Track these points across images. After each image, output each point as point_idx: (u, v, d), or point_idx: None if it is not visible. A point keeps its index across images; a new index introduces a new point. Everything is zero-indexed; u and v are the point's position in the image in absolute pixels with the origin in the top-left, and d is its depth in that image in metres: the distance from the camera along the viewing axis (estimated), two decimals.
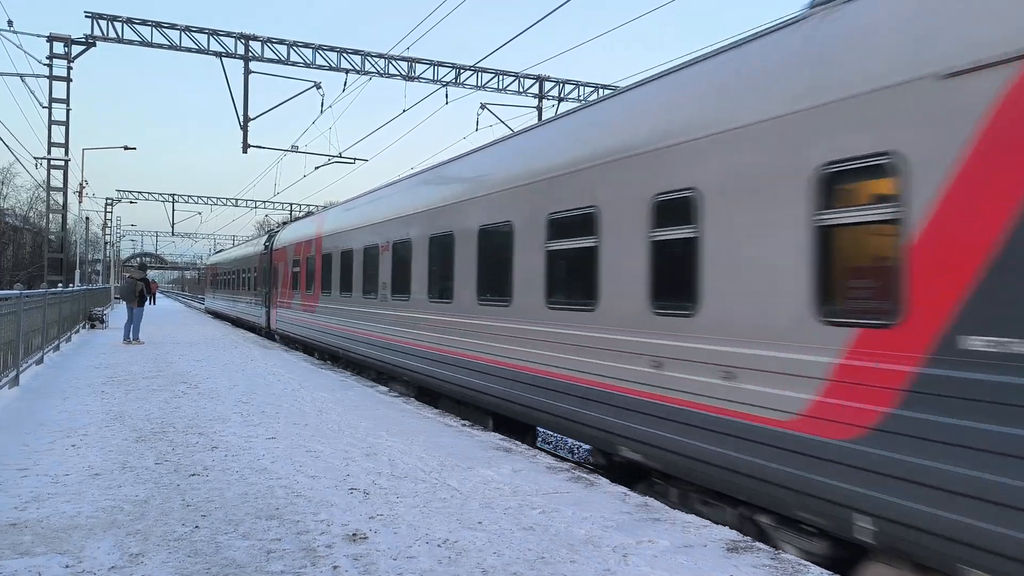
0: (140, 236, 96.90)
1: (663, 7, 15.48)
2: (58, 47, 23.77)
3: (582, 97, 28.92)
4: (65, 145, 24.83)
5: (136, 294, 20.07)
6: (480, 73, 27.65)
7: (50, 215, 27.56)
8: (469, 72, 27.40)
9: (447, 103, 26.90)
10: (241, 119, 24.61)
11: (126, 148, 41.60)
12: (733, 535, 5.04)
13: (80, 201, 38.93)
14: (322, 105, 25.70)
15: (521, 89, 28.61)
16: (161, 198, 62.15)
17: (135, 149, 43.10)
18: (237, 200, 63.40)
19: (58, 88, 24.07)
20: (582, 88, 29.20)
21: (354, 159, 29.37)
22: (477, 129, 27.44)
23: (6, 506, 5.33)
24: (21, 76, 23.77)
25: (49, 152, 24.77)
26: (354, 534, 4.88)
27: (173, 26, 24.19)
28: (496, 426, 9.35)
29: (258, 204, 64.01)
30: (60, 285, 24.45)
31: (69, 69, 24.03)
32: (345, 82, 25.71)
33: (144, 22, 24.06)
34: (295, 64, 25.35)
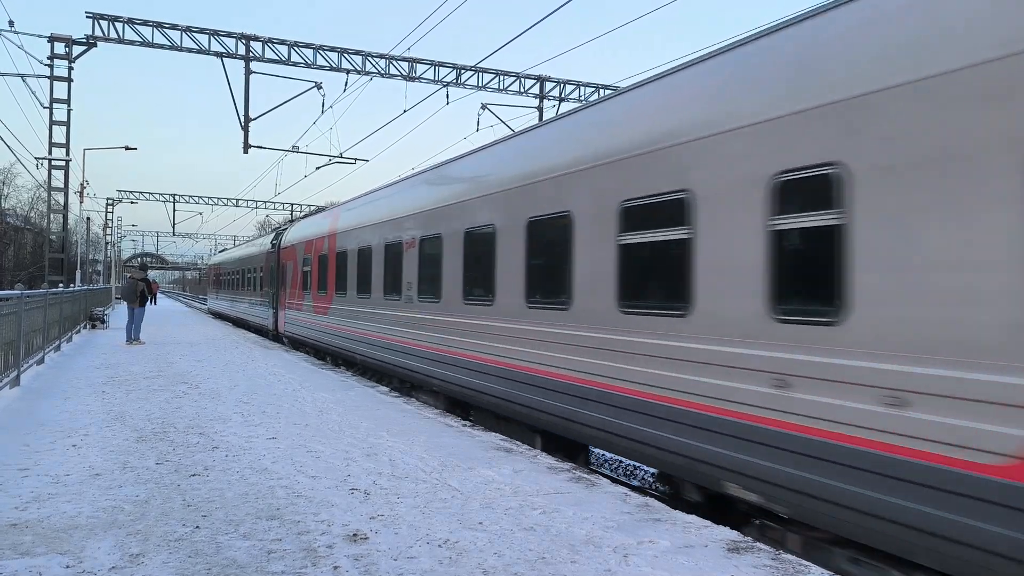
0: (141, 236, 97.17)
1: (664, 7, 15.50)
2: (59, 47, 23.80)
3: (583, 97, 28.92)
4: (66, 145, 24.87)
5: (137, 294, 20.11)
6: (481, 73, 27.66)
7: (51, 215, 27.59)
8: (470, 72, 27.42)
9: (448, 103, 26.96)
10: (242, 119, 24.63)
11: (127, 148, 41.70)
12: (734, 535, 5.03)
13: (81, 201, 39.01)
14: (323, 105, 25.76)
15: (522, 89, 28.62)
16: (162, 198, 62.23)
17: (136, 149, 43.17)
18: (238, 200, 63.47)
19: (59, 88, 24.11)
20: (583, 88, 29.21)
21: (355, 159, 29.42)
22: (478, 129, 27.48)
23: (7, 506, 5.33)
24: (22, 76, 23.82)
25: (50, 152, 24.80)
26: (355, 534, 4.88)
27: (174, 26, 24.22)
28: (545, 444, 8.31)
29: (259, 204, 64.08)
30: (61, 285, 24.47)
31: (70, 69, 24.06)
32: (346, 82, 25.75)
33: (145, 22, 24.09)
34: (296, 64, 25.38)
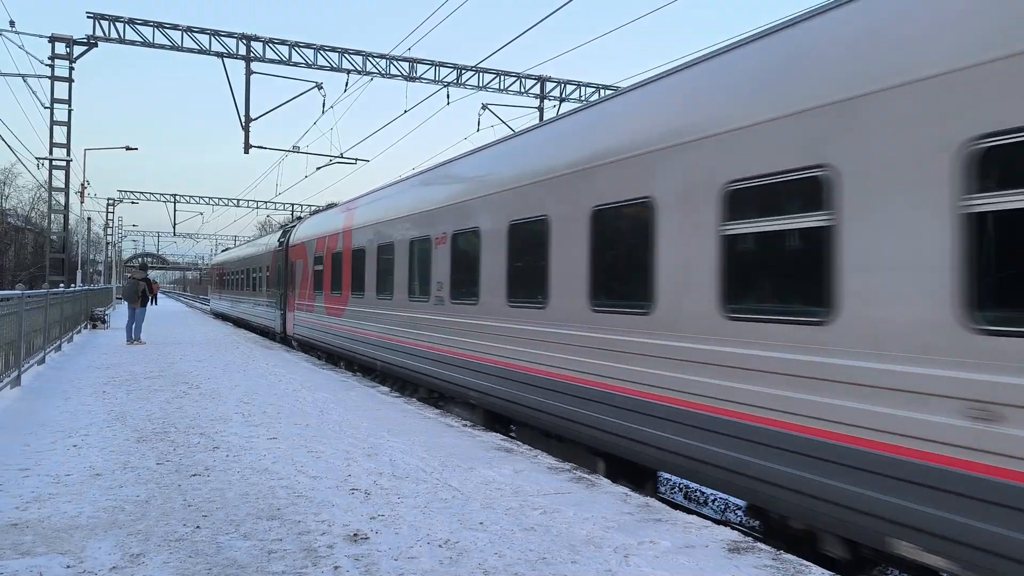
0: (142, 236, 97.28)
1: (665, 7, 15.50)
2: (60, 47, 23.81)
3: (583, 97, 28.92)
4: (67, 145, 24.88)
5: (139, 294, 20.13)
6: (481, 73, 27.68)
7: (52, 215, 27.58)
8: (470, 72, 27.43)
9: (448, 103, 26.94)
10: (243, 119, 24.64)
11: (128, 148, 41.72)
12: (735, 535, 5.03)
13: (82, 201, 39.05)
14: (323, 105, 25.78)
15: (522, 89, 28.63)
16: (163, 198, 62.32)
17: (136, 149, 43.19)
18: (239, 200, 63.56)
19: (60, 88, 24.12)
20: (583, 88, 29.22)
21: (355, 159, 29.44)
22: (479, 129, 27.50)
23: (8, 506, 5.34)
24: (23, 76, 23.84)
25: (51, 152, 24.82)
26: (355, 534, 4.87)
27: (175, 27, 24.23)
28: (609, 469, 7.26)
29: (260, 204, 64.16)
30: (62, 285, 24.49)
31: (71, 69, 24.07)
32: (347, 82, 25.76)
33: (146, 22, 24.11)
34: (297, 64, 25.39)
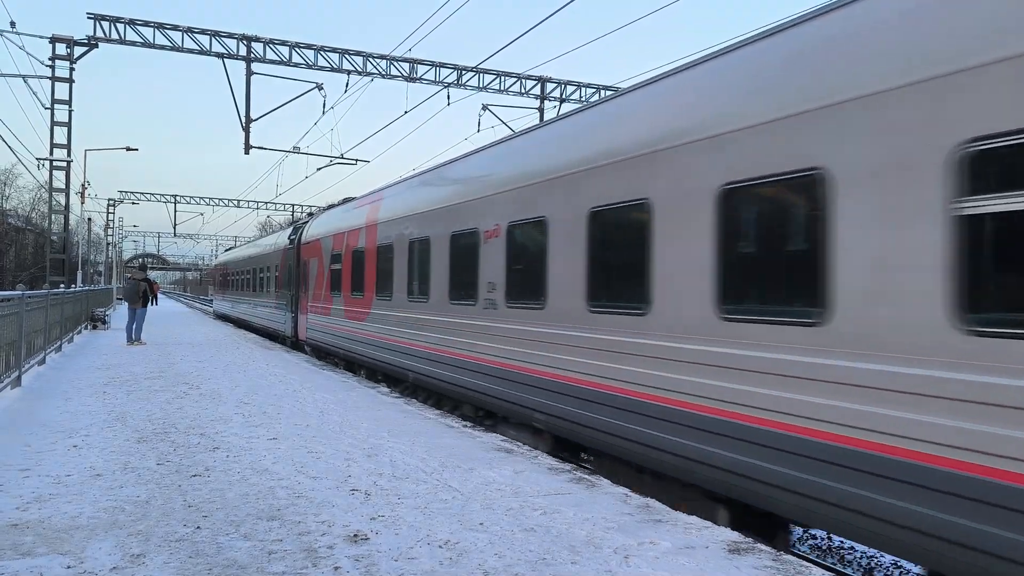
0: (142, 237, 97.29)
1: (665, 8, 15.51)
2: (60, 48, 23.85)
3: (583, 98, 28.94)
4: (67, 146, 24.92)
5: (140, 295, 20.15)
6: (482, 74, 27.70)
7: (52, 216, 27.61)
8: (471, 73, 27.45)
9: (449, 104, 26.95)
10: (243, 120, 24.67)
11: (128, 149, 41.70)
12: (735, 536, 5.03)
13: (82, 202, 39.02)
14: (324, 106, 25.80)
15: (523, 90, 28.65)
16: (163, 199, 62.36)
17: (137, 150, 43.22)
18: (239, 201, 63.59)
19: (60, 89, 24.16)
20: (584, 89, 29.23)
21: (356, 160, 29.46)
22: (479, 130, 27.50)
23: (8, 507, 5.34)
24: (24, 77, 23.87)
25: (51, 153, 24.86)
26: (355, 535, 4.88)
27: (175, 27, 24.26)
28: (731, 516, 5.78)
29: (260, 205, 64.18)
30: (62, 286, 24.50)
31: (71, 70, 24.11)
32: (347, 83, 25.78)
33: (146, 23, 24.14)
34: (297, 65, 25.42)
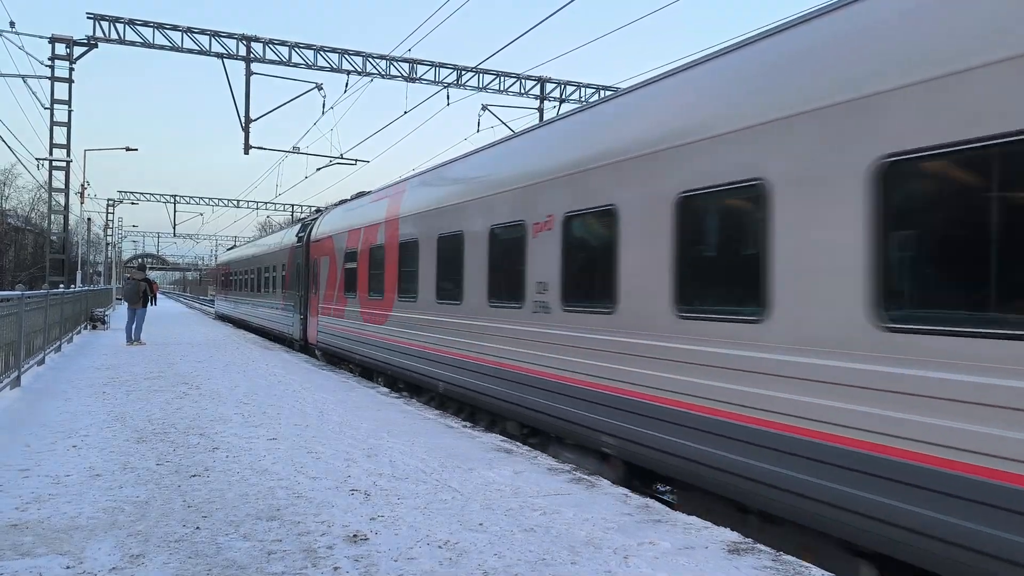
0: (142, 237, 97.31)
1: (665, 8, 15.51)
2: (60, 48, 23.84)
3: (583, 98, 28.94)
4: (67, 146, 24.91)
5: (140, 295, 20.16)
6: (481, 74, 27.69)
7: (52, 216, 27.60)
8: (471, 73, 27.45)
9: (448, 104, 26.95)
10: (243, 120, 24.66)
11: (128, 149, 41.76)
12: (735, 536, 5.03)
13: (82, 202, 39.04)
14: (323, 106, 25.80)
15: (522, 90, 28.65)
16: (163, 199, 62.34)
17: (136, 150, 43.24)
18: (239, 201, 63.57)
19: (60, 89, 24.15)
20: (583, 89, 29.23)
21: (355, 160, 29.45)
22: (479, 130, 27.49)
23: (7, 507, 5.33)
24: (23, 77, 23.87)
25: (51, 153, 24.85)
26: (355, 535, 4.87)
27: (175, 27, 24.25)
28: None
29: (260, 205, 64.16)
30: (62, 286, 24.49)
31: (71, 70, 24.10)
32: (347, 83, 25.78)
33: (146, 23, 24.13)
34: (297, 65, 25.41)
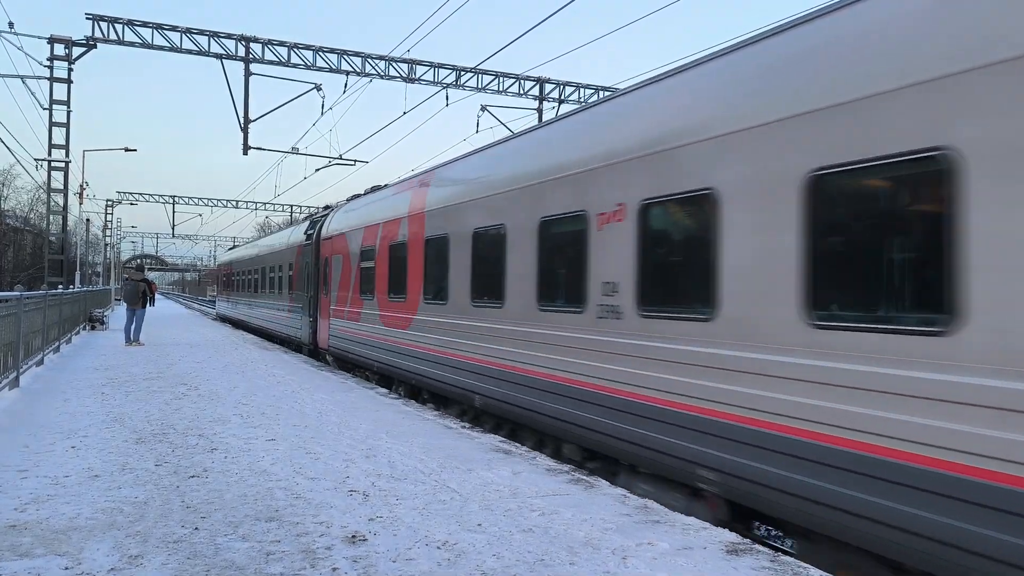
0: (141, 237, 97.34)
1: (665, 8, 15.50)
2: (59, 49, 23.81)
3: (582, 99, 28.94)
4: (66, 147, 24.88)
5: (139, 295, 20.16)
6: (480, 75, 27.69)
7: (50, 217, 27.59)
8: (470, 74, 27.45)
9: (447, 105, 26.96)
10: (241, 121, 24.65)
11: (127, 150, 41.74)
12: (733, 537, 5.03)
13: (80, 203, 39.01)
14: (322, 107, 25.79)
15: (521, 91, 28.65)
16: (161, 200, 62.29)
17: (135, 151, 43.28)
18: (238, 202, 63.53)
19: (59, 90, 24.12)
20: (582, 90, 29.24)
21: (354, 161, 29.45)
22: (478, 131, 27.49)
23: (6, 507, 5.33)
24: (22, 78, 23.87)
25: (50, 154, 24.82)
26: (353, 536, 4.88)
27: (174, 28, 24.24)
28: None
29: (259, 206, 64.13)
30: (60, 286, 24.47)
31: (70, 71, 24.06)
32: (346, 84, 25.78)
33: (145, 24, 24.11)
34: (295, 66, 25.39)
